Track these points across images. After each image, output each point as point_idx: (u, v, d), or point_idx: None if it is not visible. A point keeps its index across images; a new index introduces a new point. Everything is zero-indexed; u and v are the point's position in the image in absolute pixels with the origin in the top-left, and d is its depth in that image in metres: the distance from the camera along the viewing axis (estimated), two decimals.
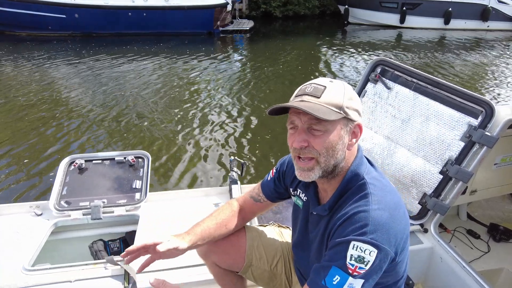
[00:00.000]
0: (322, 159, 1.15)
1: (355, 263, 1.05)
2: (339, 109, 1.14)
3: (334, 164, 1.17)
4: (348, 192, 1.20)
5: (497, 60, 12.13)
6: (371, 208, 1.09)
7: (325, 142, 1.13)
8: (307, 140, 1.15)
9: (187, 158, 5.11)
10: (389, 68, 2.36)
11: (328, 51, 13.10)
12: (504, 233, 2.55)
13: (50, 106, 6.98)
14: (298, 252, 1.49)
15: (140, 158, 2.65)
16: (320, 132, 1.13)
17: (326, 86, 1.16)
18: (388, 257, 1.08)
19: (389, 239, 1.07)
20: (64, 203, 2.34)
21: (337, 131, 1.14)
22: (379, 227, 1.06)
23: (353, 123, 1.17)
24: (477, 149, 1.95)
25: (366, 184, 1.17)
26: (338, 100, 1.14)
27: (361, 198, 1.14)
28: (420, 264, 2.11)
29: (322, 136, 1.13)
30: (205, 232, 1.45)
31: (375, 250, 1.04)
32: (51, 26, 13.53)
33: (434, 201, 2.05)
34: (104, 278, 1.85)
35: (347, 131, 1.17)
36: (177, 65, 10.35)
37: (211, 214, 1.53)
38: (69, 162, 2.57)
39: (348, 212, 1.12)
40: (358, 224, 1.07)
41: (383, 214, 1.09)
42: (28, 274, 1.84)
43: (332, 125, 1.13)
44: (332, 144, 1.14)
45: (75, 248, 2.39)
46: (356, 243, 1.05)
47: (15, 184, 4.38)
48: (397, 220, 1.11)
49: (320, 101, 1.13)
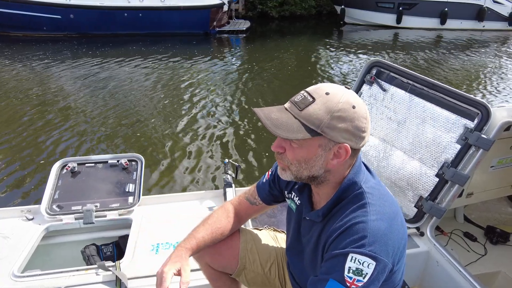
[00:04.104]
0: (293, 168, 1.15)
1: (353, 275, 1.02)
2: (317, 127, 1.06)
3: (308, 175, 1.15)
4: (344, 201, 1.17)
5: (493, 60, 12.16)
6: (369, 219, 1.07)
7: (297, 155, 1.12)
8: (283, 147, 1.14)
9: (181, 161, 5.07)
10: (385, 69, 2.34)
11: (325, 51, 13.09)
12: (501, 236, 2.54)
13: (43, 107, 6.92)
14: (292, 256, 1.47)
15: (133, 161, 2.61)
16: (295, 144, 1.11)
17: (315, 99, 1.07)
18: (386, 269, 1.06)
19: (387, 250, 1.05)
20: (56, 207, 2.31)
21: (312, 148, 1.10)
22: (377, 239, 1.04)
23: (335, 144, 1.09)
24: (474, 151, 1.93)
25: (363, 193, 1.14)
26: (320, 118, 1.05)
27: (358, 208, 1.11)
28: (416, 268, 2.09)
29: (296, 149, 1.12)
30: (201, 243, 1.42)
31: (374, 263, 1.02)
32: (46, 27, 13.42)
33: (430, 204, 2.03)
34: (95, 284, 1.81)
35: (326, 150, 1.10)
36: (172, 65, 10.31)
37: (206, 221, 1.49)
38: (62, 165, 2.53)
39: (345, 223, 1.10)
40: (356, 236, 1.05)
41: (381, 225, 1.07)
42: (17, 281, 1.81)
43: (306, 141, 1.09)
44: (304, 159, 1.12)
45: (67, 253, 2.35)
46: (354, 255, 1.03)
47: (6, 187, 4.33)
48: (395, 231, 1.09)
49: (299, 115, 1.08)
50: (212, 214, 1.53)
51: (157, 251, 2.07)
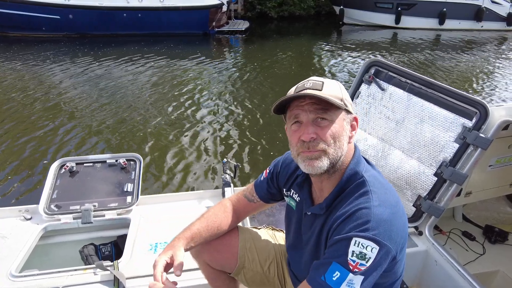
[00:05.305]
0: (331, 150, 1.15)
1: (357, 259, 1.04)
2: (340, 100, 1.17)
3: (340, 155, 1.17)
4: (347, 190, 1.19)
5: (491, 60, 12.18)
6: (372, 205, 1.09)
7: (332, 132, 1.15)
8: (315, 132, 1.14)
9: (180, 161, 5.06)
10: (383, 69, 2.34)
11: (323, 51, 13.11)
12: (499, 235, 2.55)
13: (41, 107, 6.91)
14: (292, 254, 1.48)
15: (132, 161, 2.61)
16: (327, 122, 1.14)
17: (323, 82, 1.19)
18: (389, 254, 1.07)
19: (391, 235, 1.06)
20: (54, 207, 2.30)
21: (340, 121, 1.17)
22: (381, 224, 1.06)
23: (351, 115, 1.21)
24: (472, 151, 1.94)
25: (365, 182, 1.17)
26: (337, 92, 1.18)
27: (361, 196, 1.13)
28: (414, 267, 2.09)
29: (328, 126, 1.15)
30: (196, 235, 1.42)
31: (377, 247, 1.04)
32: (45, 27, 13.41)
33: (429, 203, 2.03)
34: (93, 284, 1.81)
35: (348, 122, 1.20)
36: (172, 66, 10.30)
37: (202, 215, 1.51)
38: (60, 165, 2.53)
39: (349, 210, 1.11)
40: (360, 221, 1.07)
41: (384, 211, 1.08)
42: (15, 281, 1.80)
43: (336, 115, 1.16)
44: (338, 134, 1.15)
45: (65, 252, 2.35)
46: (358, 239, 1.04)
47: (3, 187, 4.32)
48: (398, 218, 1.11)
49: (323, 93, 1.14)
50: (209, 209, 1.55)
51: (155, 251, 2.07)
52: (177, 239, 1.39)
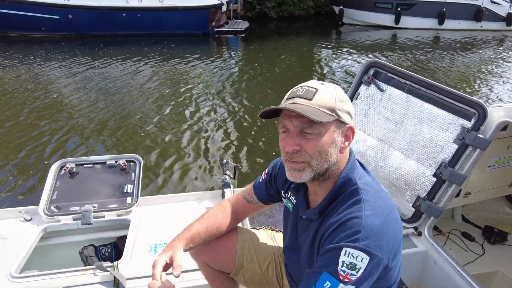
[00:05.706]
0: (314, 163, 1.13)
1: (347, 269, 1.03)
2: (331, 111, 1.12)
3: (326, 167, 1.15)
4: (340, 198, 1.18)
5: (491, 61, 12.18)
6: (363, 215, 1.08)
7: (317, 145, 1.12)
8: (299, 143, 1.13)
9: (179, 161, 5.06)
10: (382, 70, 2.35)
11: (323, 51, 13.11)
12: (498, 235, 2.55)
13: (41, 108, 6.91)
14: (289, 256, 1.48)
15: (131, 162, 2.61)
16: (313, 135, 1.12)
17: (317, 89, 1.15)
18: (381, 264, 1.06)
19: (382, 245, 1.06)
20: (54, 208, 2.31)
21: (329, 134, 1.13)
22: (371, 234, 1.05)
23: (345, 125, 1.16)
24: (471, 151, 1.94)
25: (358, 190, 1.15)
26: (330, 102, 1.13)
27: (353, 204, 1.13)
28: (413, 267, 2.10)
29: (315, 140, 1.12)
30: (195, 236, 1.43)
31: (367, 257, 1.03)
32: (45, 27, 13.42)
33: (428, 204, 2.04)
34: (93, 285, 1.81)
35: (340, 133, 1.15)
36: (171, 66, 10.31)
37: (202, 216, 1.52)
38: (60, 166, 2.53)
39: (340, 218, 1.11)
40: (351, 231, 1.06)
41: (375, 220, 1.08)
42: (15, 282, 1.80)
43: (325, 127, 1.12)
44: (325, 148, 1.12)
45: (65, 253, 2.35)
46: (348, 249, 1.04)
47: (3, 188, 4.32)
48: (390, 226, 1.10)
49: (312, 103, 1.12)
50: (209, 210, 1.56)
51: (155, 252, 2.07)
52: (176, 239, 1.40)
